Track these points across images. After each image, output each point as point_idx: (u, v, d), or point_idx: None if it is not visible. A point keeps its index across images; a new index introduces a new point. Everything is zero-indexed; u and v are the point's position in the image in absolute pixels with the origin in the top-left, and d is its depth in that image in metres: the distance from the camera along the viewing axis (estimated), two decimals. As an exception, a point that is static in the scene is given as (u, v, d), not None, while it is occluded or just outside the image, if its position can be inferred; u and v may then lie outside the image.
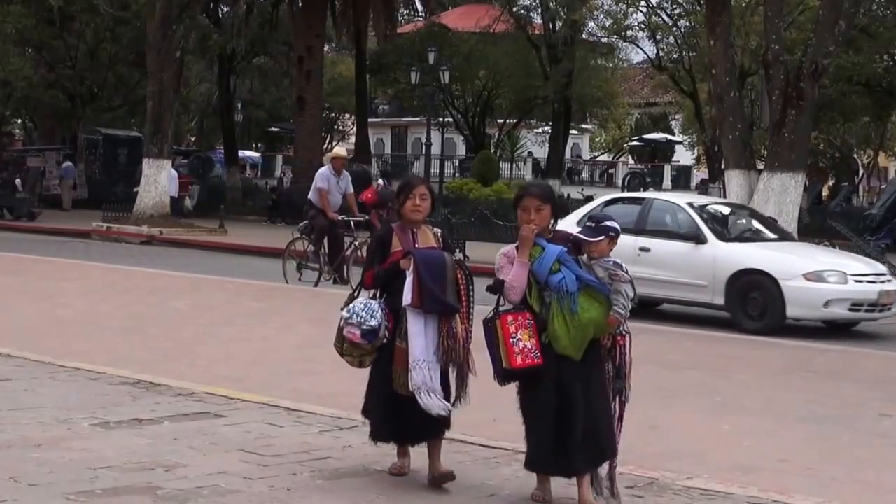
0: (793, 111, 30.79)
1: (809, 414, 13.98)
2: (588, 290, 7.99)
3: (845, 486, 10.20)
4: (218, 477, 9.47)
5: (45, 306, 21.46)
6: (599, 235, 8.16)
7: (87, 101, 65.56)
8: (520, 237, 8.15)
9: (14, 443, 10.32)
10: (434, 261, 8.74)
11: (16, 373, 13.78)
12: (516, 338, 7.93)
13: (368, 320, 8.39)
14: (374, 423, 9.05)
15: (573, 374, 8.01)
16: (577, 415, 7.88)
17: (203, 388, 13.13)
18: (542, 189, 8.46)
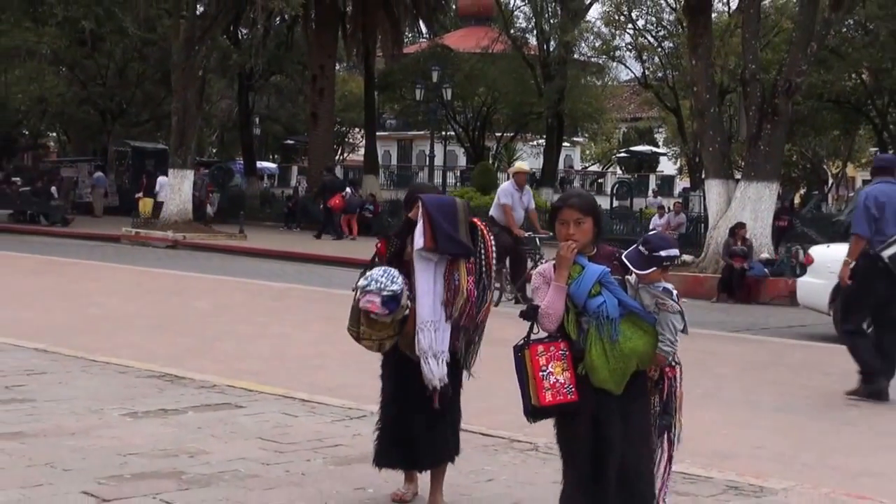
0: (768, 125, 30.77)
1: (783, 404, 13.98)
2: (632, 317, 6.54)
3: (815, 471, 10.20)
4: (238, 462, 9.48)
5: (78, 305, 21.45)
6: (650, 267, 6.58)
7: (116, 116, 65.53)
8: (557, 256, 6.64)
9: (50, 431, 10.33)
10: (444, 203, 7.77)
11: (51, 366, 13.78)
12: (546, 371, 6.51)
13: (389, 285, 7.38)
14: (380, 445, 8.08)
15: (611, 410, 6.57)
16: (614, 457, 6.51)
17: (224, 381, 13.13)
18: (582, 200, 6.84)
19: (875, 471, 10.56)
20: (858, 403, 14.27)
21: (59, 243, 40.57)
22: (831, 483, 9.73)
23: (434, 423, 7.70)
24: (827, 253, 20.23)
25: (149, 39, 56.72)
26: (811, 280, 20.54)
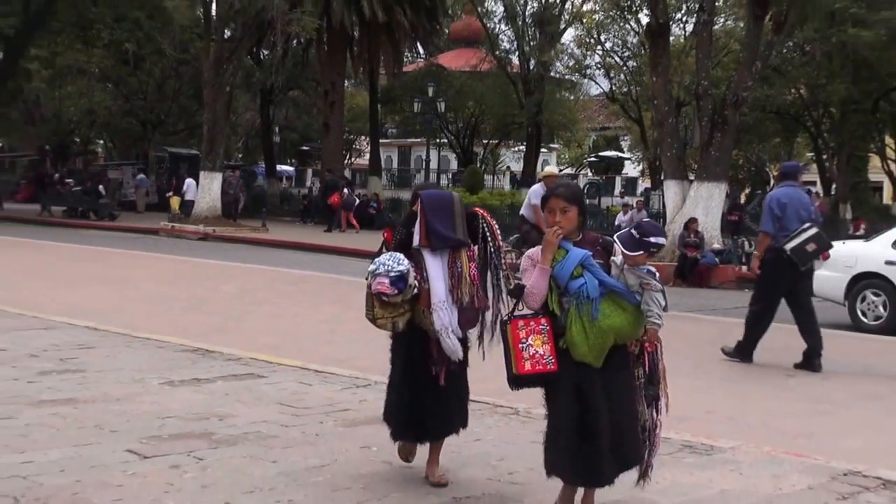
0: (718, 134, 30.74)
1: (730, 375, 14.00)
2: (613, 296, 6.46)
3: (759, 432, 10.21)
4: (260, 425, 9.49)
5: (122, 289, 21.43)
6: (638, 250, 6.51)
7: (155, 126, 65.46)
8: (544, 241, 6.62)
9: (98, 398, 10.34)
10: (440, 197, 7.53)
11: (99, 342, 13.78)
12: (526, 343, 6.47)
13: (396, 266, 7.17)
14: (393, 421, 7.66)
15: (594, 381, 6.46)
16: (601, 423, 6.40)
17: (248, 354, 13.12)
18: (568, 189, 6.82)
19: (809, 432, 10.59)
20: (795, 374, 14.30)
21: (106, 236, 40.50)
22: (772, 443, 9.75)
23: (442, 399, 7.45)
24: (841, 249, 19.71)
25: (183, 59, 56.66)
26: (826, 274, 19.63)
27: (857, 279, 19.09)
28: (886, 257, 18.80)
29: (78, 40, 55.48)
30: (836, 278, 19.46)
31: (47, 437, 8.82)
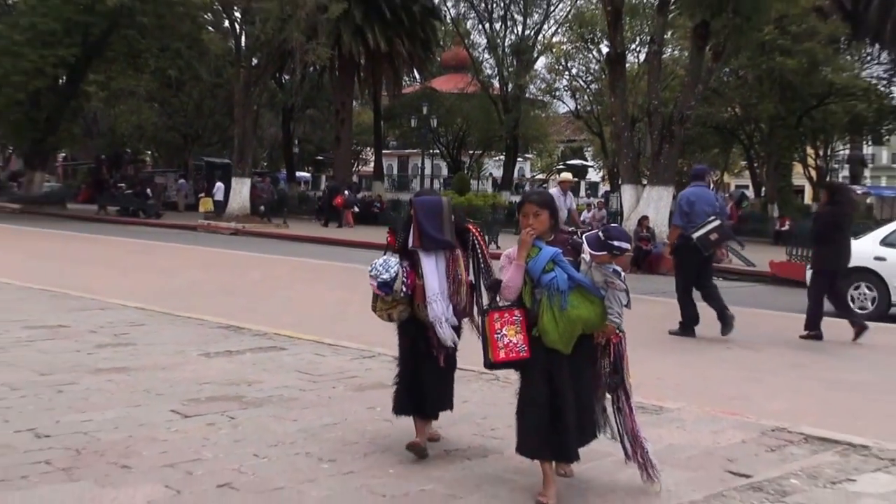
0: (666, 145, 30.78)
1: (677, 348, 14.02)
2: (580, 290, 6.29)
3: (701, 395, 10.22)
4: (282, 389, 9.50)
5: (166, 276, 21.42)
6: (602, 251, 6.37)
7: (194, 139, 65.47)
8: (519, 240, 6.47)
9: (146, 367, 10.34)
10: (430, 203, 7.35)
11: (147, 320, 13.78)
12: (501, 333, 6.33)
13: (382, 274, 7.11)
14: (398, 397, 7.45)
15: (562, 366, 6.29)
16: (568, 404, 6.26)
17: (272, 330, 13.12)
18: (540, 196, 6.72)
19: (743, 395, 10.60)
20: (731, 346, 14.31)
21: (152, 231, 40.49)
22: (712, 404, 9.76)
23: (440, 379, 7.36)
24: None
25: (217, 83, 56.71)
26: None
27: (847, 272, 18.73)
28: (875, 253, 18.53)
29: (129, 67, 55.46)
30: None
31: (104, 400, 8.83)
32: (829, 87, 50.74)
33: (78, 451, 7.23)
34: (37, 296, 16.10)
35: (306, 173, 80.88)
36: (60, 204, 56.91)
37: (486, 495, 6.64)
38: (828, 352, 14.21)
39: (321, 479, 6.82)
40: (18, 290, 16.72)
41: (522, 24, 59.97)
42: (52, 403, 8.63)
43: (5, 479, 6.52)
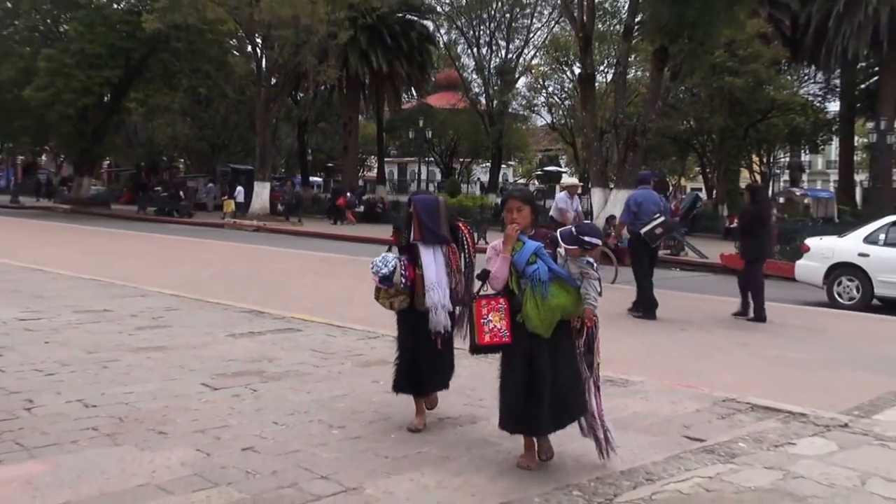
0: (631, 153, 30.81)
1: (641, 329, 14.02)
2: (559, 281, 6.16)
3: (661, 370, 10.23)
4: (298, 365, 9.50)
5: (197, 267, 21.38)
6: (573, 244, 6.27)
7: (221, 148, 65.46)
8: (504, 235, 6.35)
9: (181, 346, 10.33)
10: (429, 202, 7.27)
11: (181, 305, 13.77)
12: (487, 319, 6.24)
13: (382, 269, 7.06)
14: (397, 378, 7.33)
15: (542, 349, 6.16)
16: (545, 384, 6.12)
17: (289, 314, 13.11)
18: (522, 193, 6.58)
19: (698, 370, 10.62)
20: (686, 328, 14.34)
21: (185, 228, 40.46)
22: (671, 378, 9.77)
23: (436, 360, 7.21)
24: (820, 244, 19.63)
25: (241, 100, 56.60)
26: (808, 263, 19.47)
27: (833, 268, 18.66)
28: (859, 250, 18.36)
29: (165, 86, 55.42)
30: (815, 267, 19.07)
31: (143, 375, 8.83)
32: (771, 103, 50.91)
33: (121, 419, 7.24)
34: (85, 284, 16.09)
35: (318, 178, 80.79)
36: (105, 205, 56.95)
37: (475, 456, 6.65)
38: (771, 332, 14.22)
39: (332, 443, 6.83)
40: (69, 280, 16.71)
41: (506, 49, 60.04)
42: (98, 377, 8.63)
43: (58, 443, 6.54)
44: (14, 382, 8.32)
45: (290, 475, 6.07)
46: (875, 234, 18.58)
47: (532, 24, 60.29)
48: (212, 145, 66.47)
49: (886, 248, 18.16)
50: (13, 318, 12.01)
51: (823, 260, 18.93)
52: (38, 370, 8.87)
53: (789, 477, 6.54)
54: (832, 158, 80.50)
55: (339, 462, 6.39)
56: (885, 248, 18.18)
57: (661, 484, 6.29)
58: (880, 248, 18.24)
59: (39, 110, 48.95)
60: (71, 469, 6.01)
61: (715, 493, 6.15)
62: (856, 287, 18.34)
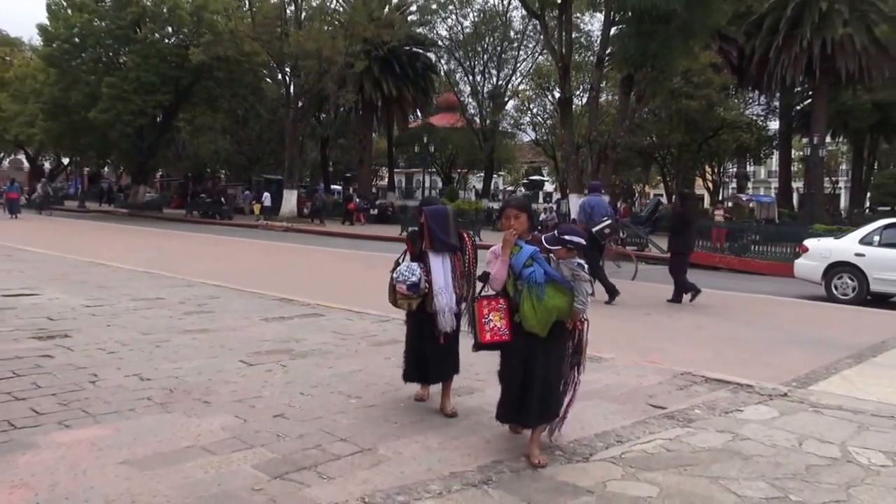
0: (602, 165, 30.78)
1: (609, 313, 13.99)
2: (554, 283, 5.82)
3: (628, 348, 10.21)
4: (321, 345, 9.47)
5: (234, 261, 21.38)
6: (556, 245, 5.94)
7: (256, 161, 65.37)
8: (503, 240, 6.00)
9: (221, 328, 10.31)
10: (439, 213, 6.85)
11: (222, 294, 13.73)
12: (488, 318, 5.93)
13: (410, 277, 6.72)
14: (406, 368, 7.09)
15: (537, 348, 5.84)
16: (536, 381, 5.83)
17: (314, 301, 13.08)
18: (519, 201, 6.26)
19: (660, 348, 10.60)
20: (650, 312, 14.33)
21: (225, 229, 40.49)
22: (636, 355, 9.76)
23: (441, 354, 6.85)
24: (818, 244, 19.19)
25: (272, 120, 56.62)
26: (807, 262, 19.01)
27: (831, 266, 18.31)
28: (855, 250, 18.03)
29: (208, 108, 55.42)
30: (814, 266, 18.69)
31: (190, 353, 8.81)
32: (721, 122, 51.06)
33: (171, 390, 7.23)
34: (140, 276, 16.08)
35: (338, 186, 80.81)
36: (158, 209, 57.01)
37: (472, 422, 6.66)
38: (723, 316, 14.22)
39: (350, 411, 6.82)
40: (127, 272, 16.70)
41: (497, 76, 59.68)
42: (152, 355, 8.62)
43: (118, 411, 6.54)
44: (81, 359, 8.31)
45: (315, 438, 6.07)
46: (870, 235, 18.29)
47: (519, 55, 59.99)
48: (248, 158, 66.41)
49: (881, 249, 17.86)
50: (81, 304, 12.00)
51: (822, 259, 18.57)
52: (101, 349, 8.86)
53: (738, 439, 6.54)
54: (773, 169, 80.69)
55: (356, 427, 6.38)
56: (879, 248, 17.89)
57: (630, 445, 6.29)
58: (875, 248, 17.93)
59: (103, 129, 49.18)
60: (129, 433, 6.01)
61: (675, 453, 6.15)
62: (852, 284, 18.04)
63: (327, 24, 47.99)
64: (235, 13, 48.95)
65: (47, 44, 49.47)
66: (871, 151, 61.00)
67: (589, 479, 5.52)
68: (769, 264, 25.72)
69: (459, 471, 5.55)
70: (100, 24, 48.79)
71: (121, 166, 75.82)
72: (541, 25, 34.17)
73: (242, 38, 45.99)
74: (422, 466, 5.58)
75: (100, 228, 35.92)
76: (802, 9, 44.84)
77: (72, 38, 48.37)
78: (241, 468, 5.39)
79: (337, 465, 5.53)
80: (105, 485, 5.00)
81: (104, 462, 5.39)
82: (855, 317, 15.01)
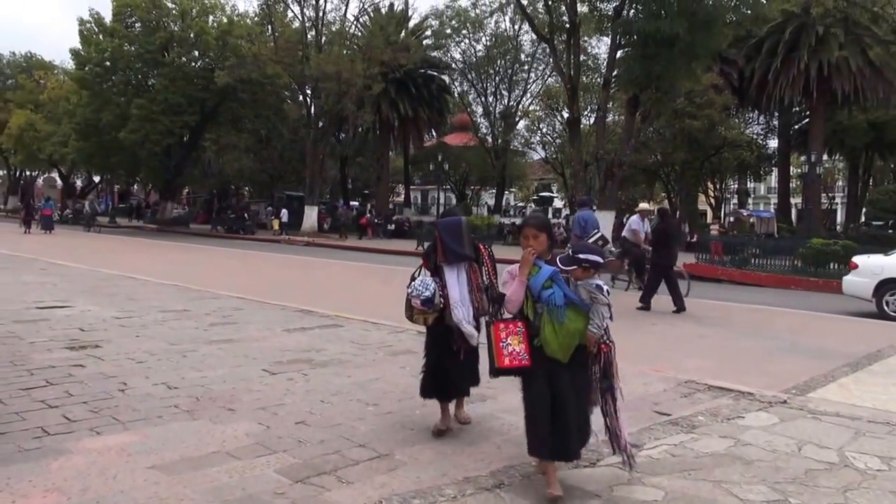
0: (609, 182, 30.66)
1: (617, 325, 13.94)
2: (574, 305, 5.28)
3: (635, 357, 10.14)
4: (340, 354, 9.47)
5: (257, 274, 21.42)
6: (571, 265, 5.34)
7: (278, 178, 65.56)
8: (521, 259, 5.43)
9: (245, 339, 10.32)
10: (451, 223, 6.44)
11: (245, 306, 13.76)
12: (506, 342, 5.34)
13: (424, 292, 6.29)
14: (424, 383, 6.58)
15: (562, 373, 5.24)
16: (569, 406, 5.21)
17: (333, 313, 13.08)
18: (538, 220, 5.65)
19: (664, 357, 10.57)
20: (656, 323, 14.28)
21: (247, 244, 40.55)
22: (642, 364, 9.71)
23: (460, 369, 6.43)
24: (868, 261, 18.45)
25: (294, 139, 56.84)
26: (856, 279, 18.25)
27: (883, 283, 17.60)
28: None
29: (233, 128, 55.71)
30: (865, 282, 17.95)
31: (215, 362, 8.82)
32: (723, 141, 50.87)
33: (197, 398, 7.24)
34: (168, 289, 16.12)
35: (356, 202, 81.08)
36: (185, 225, 57.37)
37: (484, 428, 6.64)
38: (725, 326, 14.16)
39: (368, 418, 6.82)
40: (155, 285, 16.75)
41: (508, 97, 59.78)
42: (179, 364, 8.63)
43: (147, 418, 6.55)
44: (111, 368, 8.34)
45: (334, 444, 6.07)
46: None
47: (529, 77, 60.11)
48: (270, 176, 66.63)
49: None
50: (111, 316, 12.04)
51: (873, 276, 17.87)
52: (130, 359, 8.88)
53: (739, 444, 6.51)
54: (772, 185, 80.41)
55: (373, 433, 6.38)
56: None
57: (636, 451, 6.27)
58: None
59: (132, 148, 49.60)
60: (157, 439, 6.02)
61: (679, 458, 6.13)
62: None
63: (346, 48, 48.24)
64: (259, 38, 49.30)
65: (80, 67, 49.95)
66: (866, 168, 60.95)
67: (596, 483, 5.51)
68: (768, 276, 25.60)
69: (473, 475, 5.55)
70: (130, 49, 49.24)
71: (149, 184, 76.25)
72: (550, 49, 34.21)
73: (265, 62, 46.29)
74: (437, 471, 5.58)
75: (130, 243, 36.07)
76: (800, 32, 44.87)
77: (103, 61, 48.79)
78: (265, 473, 5.39)
79: (356, 470, 5.53)
80: (134, 489, 5.02)
81: (133, 467, 5.41)
82: (851, 327, 14.94)
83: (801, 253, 26.02)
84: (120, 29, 49.33)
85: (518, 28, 57.44)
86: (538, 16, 38.76)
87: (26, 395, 7.16)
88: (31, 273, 18.72)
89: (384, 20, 51.11)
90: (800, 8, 43.63)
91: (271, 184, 67.28)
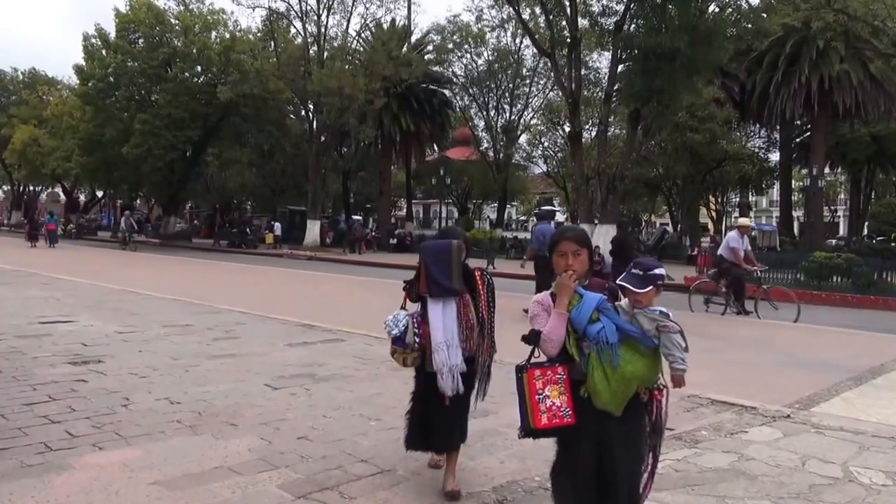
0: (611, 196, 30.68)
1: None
2: (629, 341, 4.07)
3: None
4: (342, 369, 9.47)
5: (259, 289, 21.39)
6: (647, 286, 4.11)
7: (280, 193, 65.54)
8: (559, 286, 4.20)
9: (247, 353, 10.32)
10: (439, 249, 5.34)
11: (247, 320, 13.76)
12: (543, 395, 4.06)
13: (393, 329, 5.51)
14: (408, 434, 5.60)
15: (614, 432, 4.07)
16: (621, 477, 4.07)
17: (336, 327, 13.09)
18: (577, 233, 4.37)
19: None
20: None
21: (250, 258, 40.54)
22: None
23: (445, 421, 5.40)
24: None
25: (296, 154, 56.76)
26: None
27: None
28: None
29: (235, 143, 55.73)
30: None
31: (218, 377, 8.82)
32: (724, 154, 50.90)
33: (200, 413, 7.23)
34: (170, 304, 16.12)
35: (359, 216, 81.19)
36: (187, 239, 57.37)
37: (487, 444, 6.63)
38: (727, 340, 14.13)
39: (370, 433, 6.82)
40: (158, 300, 16.75)
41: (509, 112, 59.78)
42: (181, 379, 8.63)
43: (149, 433, 6.54)
44: (114, 384, 8.33)
45: (337, 459, 6.06)
46: None
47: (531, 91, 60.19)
48: (273, 190, 66.67)
49: None
50: (114, 331, 12.04)
51: None
52: (133, 374, 8.88)
53: (743, 459, 6.49)
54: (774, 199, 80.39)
55: (376, 448, 6.37)
56: None
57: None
58: None
59: (135, 163, 49.69)
60: (159, 454, 6.02)
61: (683, 473, 6.11)
62: None
63: (348, 63, 48.31)
64: (261, 53, 49.43)
65: (83, 83, 50.14)
66: (868, 182, 61.10)
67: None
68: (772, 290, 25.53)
69: (476, 491, 5.53)
70: (133, 64, 49.43)
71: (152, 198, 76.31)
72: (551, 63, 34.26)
73: (268, 77, 46.42)
74: (439, 487, 5.56)
75: (133, 257, 36.06)
76: (801, 46, 44.93)
77: (106, 77, 48.96)
78: (267, 488, 5.38)
79: (358, 486, 5.52)
80: (137, 504, 5.01)
81: (136, 482, 5.40)
82: (852, 340, 14.90)
83: (804, 266, 25.93)
84: (123, 45, 49.51)
85: (519, 43, 57.61)
86: (539, 30, 38.81)
87: (29, 410, 7.16)
88: (35, 287, 18.74)
89: (386, 35, 51.21)
90: (800, 22, 43.68)
91: (273, 198, 67.39)
